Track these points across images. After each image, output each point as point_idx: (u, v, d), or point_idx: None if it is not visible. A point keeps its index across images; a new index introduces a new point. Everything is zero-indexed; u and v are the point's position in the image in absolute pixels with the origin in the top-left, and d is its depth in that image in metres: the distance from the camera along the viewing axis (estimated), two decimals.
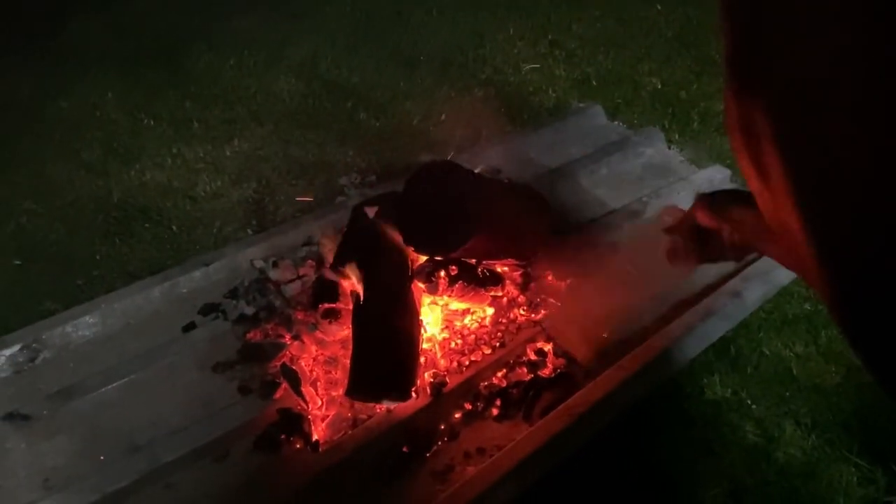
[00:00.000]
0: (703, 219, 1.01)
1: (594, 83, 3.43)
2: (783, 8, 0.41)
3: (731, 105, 0.48)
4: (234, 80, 3.56)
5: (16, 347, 1.94)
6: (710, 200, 1.01)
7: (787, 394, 1.92)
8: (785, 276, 2.11)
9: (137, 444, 1.75)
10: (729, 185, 2.63)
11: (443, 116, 3.19)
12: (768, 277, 2.08)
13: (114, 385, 1.88)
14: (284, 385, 1.83)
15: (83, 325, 2.07)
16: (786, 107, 0.41)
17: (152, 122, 3.22)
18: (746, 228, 0.93)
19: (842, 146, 0.38)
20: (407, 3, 4.28)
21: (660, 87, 3.38)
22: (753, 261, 2.14)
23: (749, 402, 1.89)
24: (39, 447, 1.72)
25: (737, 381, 1.93)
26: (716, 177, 2.63)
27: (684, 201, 2.33)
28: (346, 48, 3.81)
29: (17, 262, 2.46)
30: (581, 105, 3.20)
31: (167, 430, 1.78)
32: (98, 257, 2.47)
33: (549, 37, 3.85)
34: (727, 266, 2.18)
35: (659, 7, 4.02)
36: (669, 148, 2.88)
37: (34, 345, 1.97)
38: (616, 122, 3.09)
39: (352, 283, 1.89)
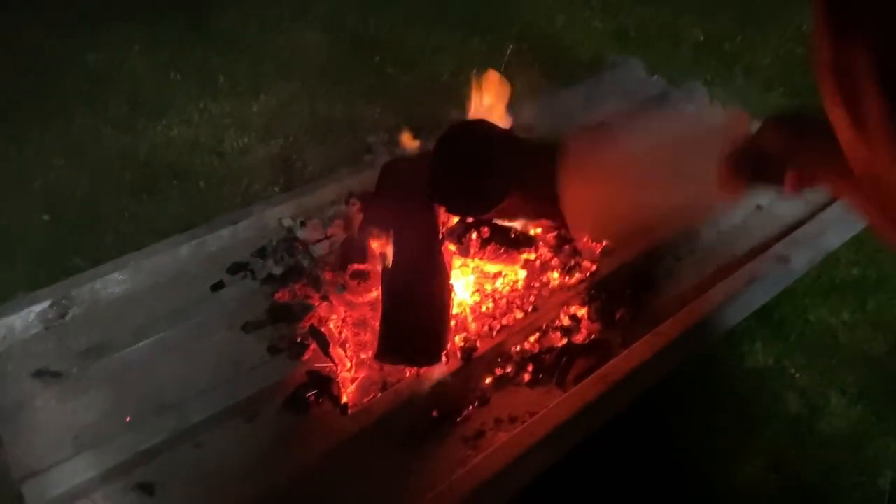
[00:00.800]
0: (772, 141, 0.94)
1: (632, 35, 3.30)
2: None
3: (824, 43, 0.42)
4: (260, 34, 3.49)
5: (45, 303, 1.93)
6: (786, 124, 0.93)
7: (833, 362, 1.85)
8: (834, 240, 2.01)
9: (167, 404, 1.74)
10: None
11: (474, 71, 3.09)
12: (816, 242, 1.98)
13: (142, 343, 1.87)
14: (313, 346, 1.80)
15: (112, 283, 2.05)
16: (893, 45, 0.35)
17: (179, 77, 3.18)
18: (822, 163, 0.85)
19: None
20: None
21: (702, 39, 3.23)
22: (800, 224, 2.05)
23: (792, 370, 1.83)
24: (69, 405, 1.72)
25: (780, 350, 1.87)
26: None
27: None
28: (374, 1, 3.71)
29: (46, 218, 2.46)
30: (619, 59, 3.08)
31: (196, 390, 1.76)
32: (126, 214, 2.46)
33: None
34: (772, 228, 2.09)
35: None
36: (712, 103, 2.75)
37: (63, 301, 1.96)
38: (655, 77, 2.96)
39: (381, 244, 1.84)
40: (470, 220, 1.82)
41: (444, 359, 1.69)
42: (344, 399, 1.71)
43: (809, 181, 0.90)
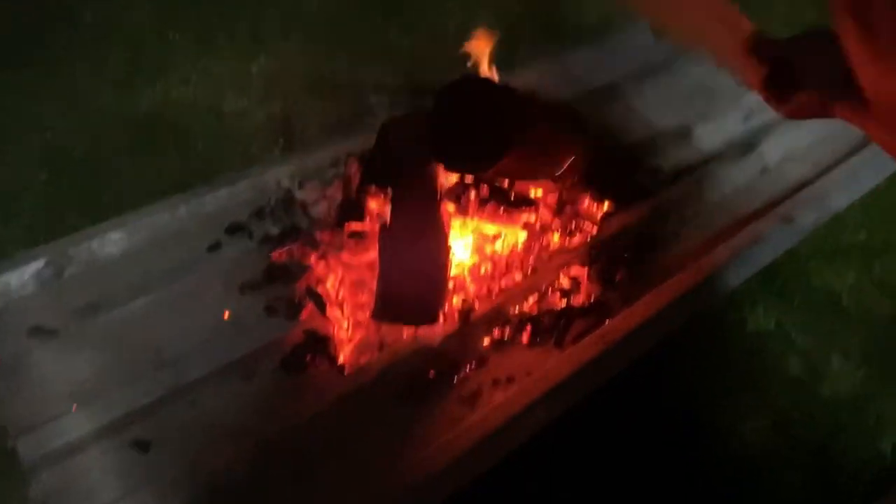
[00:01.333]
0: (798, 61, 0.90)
1: None
2: None
3: None
4: None
5: (41, 262, 1.92)
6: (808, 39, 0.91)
7: (836, 326, 1.83)
8: (841, 201, 1.98)
9: (164, 360, 1.73)
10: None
11: (478, 30, 3.03)
12: (822, 203, 1.95)
13: (140, 301, 1.86)
14: (310, 307, 1.79)
15: (109, 242, 2.03)
16: None
17: (177, 37, 3.13)
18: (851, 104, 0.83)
19: None
20: None
21: None
22: (805, 185, 2.01)
23: (794, 334, 1.81)
24: (65, 361, 1.71)
25: (782, 312, 1.85)
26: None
27: (732, 124, 2.17)
28: None
29: (43, 177, 2.43)
30: (626, 22, 3.01)
31: (193, 348, 1.76)
32: (124, 173, 2.44)
33: None
34: (778, 188, 2.05)
35: None
36: (718, 69, 2.69)
37: (60, 260, 1.94)
38: (663, 41, 2.90)
39: (378, 203, 1.82)
40: (469, 179, 1.79)
41: (441, 319, 1.67)
42: (341, 359, 1.70)
43: (819, 112, 0.88)
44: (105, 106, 2.76)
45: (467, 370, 1.68)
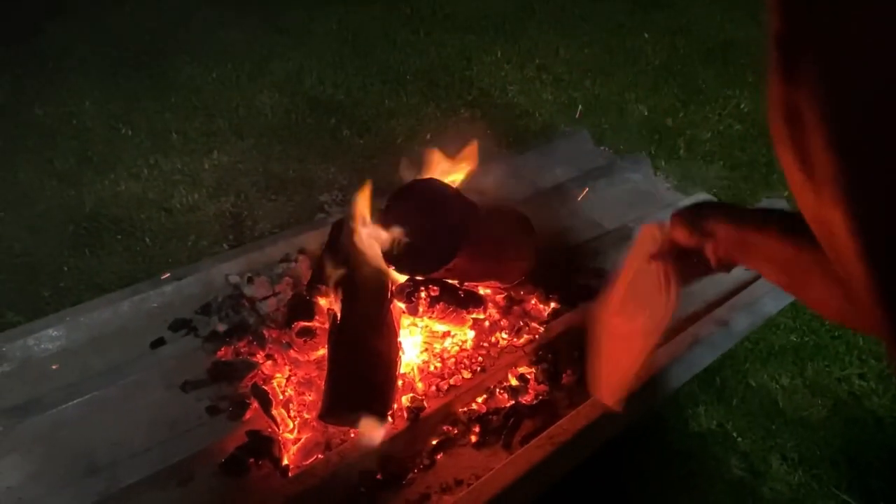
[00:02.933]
0: (683, 237, 1.00)
1: (581, 108, 3.42)
2: None
3: (775, 89, 0.43)
4: (216, 92, 3.51)
5: None
6: (687, 216, 0.99)
7: (774, 427, 1.88)
8: (772, 306, 2.07)
9: (97, 466, 1.65)
10: None
11: (428, 136, 3.15)
12: (755, 307, 2.04)
13: (75, 402, 1.79)
14: (255, 406, 1.75)
15: (46, 339, 1.97)
16: (838, 93, 0.37)
17: (130, 132, 3.15)
18: (729, 242, 0.92)
19: None
20: (394, 23, 4.27)
21: (646, 114, 3.38)
22: (740, 290, 2.11)
23: (735, 434, 1.85)
24: None
25: (722, 413, 1.89)
26: None
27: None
28: (332, 65, 3.78)
29: None
30: (568, 129, 3.18)
31: (129, 451, 1.68)
32: (66, 268, 2.39)
33: (537, 61, 3.85)
34: (713, 293, 2.14)
35: (646, 35, 4.05)
36: (656, 174, 2.86)
37: None
38: (603, 148, 3.07)
39: (329, 301, 1.82)
40: (419, 278, 1.82)
41: (390, 419, 1.65)
42: (285, 461, 1.65)
43: (727, 259, 0.96)
44: (49, 200, 2.73)
45: (415, 472, 1.65)
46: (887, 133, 0.34)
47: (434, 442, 1.71)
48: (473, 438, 1.72)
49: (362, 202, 1.82)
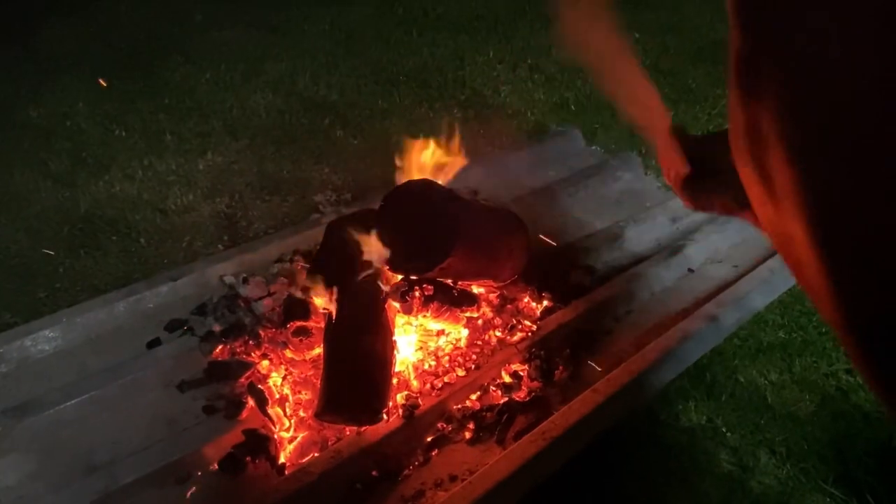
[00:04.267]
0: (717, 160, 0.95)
1: (573, 108, 3.45)
2: (797, 4, 0.38)
3: (736, 109, 0.45)
4: (210, 93, 3.52)
5: None
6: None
7: (762, 422, 1.90)
8: (759, 301, 2.11)
9: (95, 465, 1.68)
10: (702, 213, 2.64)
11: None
12: (743, 303, 2.08)
13: (73, 402, 1.81)
14: (251, 405, 1.77)
15: (43, 339, 1.99)
16: (796, 110, 0.39)
17: (124, 133, 3.16)
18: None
19: (857, 154, 0.36)
20: (387, 23, 4.28)
21: None
22: (728, 285, 2.14)
23: (724, 429, 1.87)
24: None
25: (712, 409, 1.92)
26: None
27: (660, 226, 2.31)
28: (326, 65, 3.79)
29: None
30: (560, 129, 3.21)
31: (127, 450, 1.71)
32: (62, 270, 2.40)
33: (529, 61, 3.87)
34: (702, 289, 2.18)
35: (637, 35, 4.07)
36: (646, 174, 2.89)
37: None
38: (594, 147, 3.10)
39: (324, 301, 1.85)
40: (413, 277, 1.84)
41: (385, 417, 1.68)
42: (282, 459, 1.68)
43: (735, 211, 0.93)
44: (44, 201, 2.74)
45: (410, 469, 1.68)
46: (843, 148, 0.36)
47: (429, 439, 1.74)
48: (468, 435, 1.74)
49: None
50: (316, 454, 1.67)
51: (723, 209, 0.96)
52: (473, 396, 1.83)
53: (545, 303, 2.08)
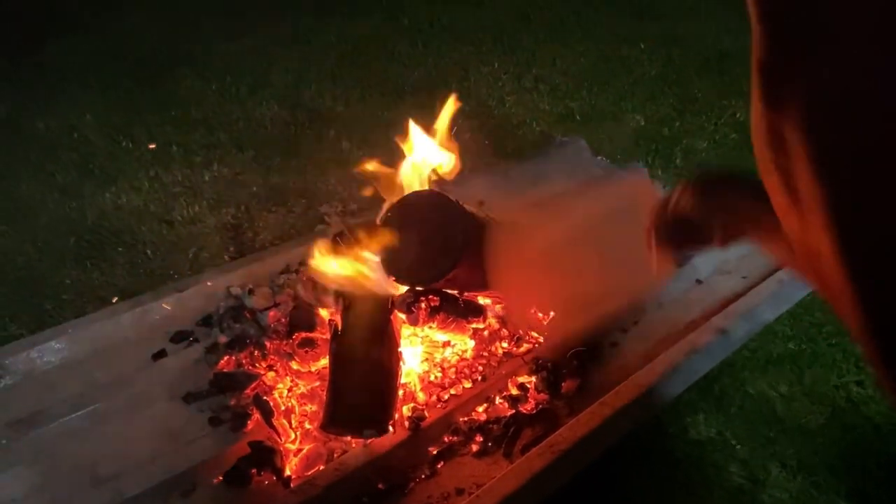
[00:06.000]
0: (690, 207, 0.93)
1: (578, 118, 3.45)
2: (824, 8, 0.37)
3: (759, 118, 0.44)
4: (216, 105, 3.53)
5: None
6: (700, 184, 0.93)
7: (772, 435, 1.89)
8: (770, 313, 2.09)
9: (100, 477, 1.66)
10: None
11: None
12: (752, 315, 2.06)
13: (78, 414, 1.80)
14: (257, 417, 1.76)
15: (49, 351, 1.98)
16: (823, 120, 0.38)
17: (130, 145, 3.18)
18: (745, 217, 0.86)
19: (885, 166, 0.35)
20: (392, 35, 4.30)
21: (643, 123, 3.40)
22: (737, 297, 2.12)
23: (734, 442, 1.86)
24: None
25: (721, 421, 1.90)
26: None
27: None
28: (331, 77, 3.81)
29: None
30: (565, 139, 3.21)
31: (133, 463, 1.69)
32: (68, 281, 2.40)
33: (534, 72, 3.88)
34: (711, 301, 2.16)
35: (642, 46, 4.08)
36: (653, 183, 2.88)
37: None
38: (600, 157, 3.09)
39: (330, 312, 1.84)
40: (419, 288, 1.83)
41: (391, 429, 1.67)
42: (287, 471, 1.66)
43: (736, 236, 0.92)
44: (51, 213, 2.75)
45: (416, 482, 1.66)
46: (872, 160, 0.35)
47: (435, 451, 1.72)
48: (474, 447, 1.73)
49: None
50: (321, 466, 1.65)
51: (724, 237, 0.95)
52: (480, 408, 1.82)
53: (552, 313, 2.06)
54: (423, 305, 1.83)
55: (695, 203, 0.91)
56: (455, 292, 1.92)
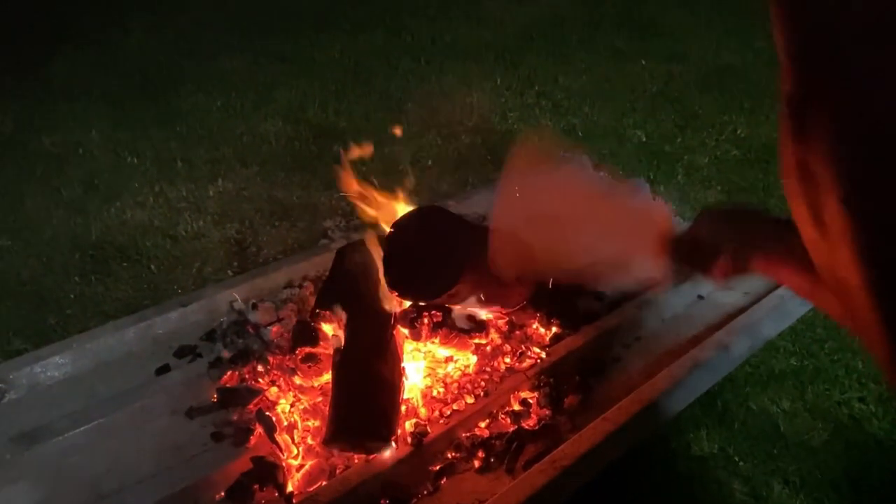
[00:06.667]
0: (706, 229, 0.95)
1: (580, 134, 3.47)
2: (853, 45, 0.38)
3: (787, 148, 0.45)
4: (220, 120, 3.56)
5: None
6: (719, 213, 0.95)
7: (775, 451, 1.89)
8: (771, 329, 2.09)
9: (103, 492, 1.66)
10: None
11: (429, 162, 3.20)
12: (754, 331, 2.06)
13: (81, 429, 1.80)
14: (259, 432, 1.77)
15: (52, 366, 1.99)
16: (852, 155, 0.38)
17: (135, 161, 3.20)
18: (759, 248, 0.87)
19: None
20: (395, 51, 4.34)
21: (644, 139, 3.42)
22: (739, 313, 2.13)
23: (736, 458, 1.86)
24: None
25: (724, 437, 1.90)
26: None
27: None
28: (335, 93, 3.84)
29: None
30: (567, 155, 3.22)
31: (136, 478, 1.70)
32: (72, 296, 2.41)
33: (536, 88, 3.91)
34: (713, 316, 2.16)
35: (643, 62, 4.11)
36: (654, 199, 2.89)
37: (0, 384, 1.89)
38: (602, 173, 3.10)
39: (333, 327, 1.85)
40: (422, 304, 1.84)
41: (393, 445, 1.67)
42: (289, 487, 1.66)
43: (739, 269, 0.93)
44: (56, 228, 2.76)
45: (419, 497, 1.66)
46: None
47: (437, 467, 1.72)
48: (477, 463, 1.73)
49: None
50: (324, 482, 1.65)
51: (731, 269, 0.96)
52: (482, 424, 1.82)
53: (554, 329, 2.07)
54: (425, 321, 1.83)
55: (711, 227, 0.93)
56: (458, 307, 1.93)
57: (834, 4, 0.38)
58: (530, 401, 1.87)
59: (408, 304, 1.86)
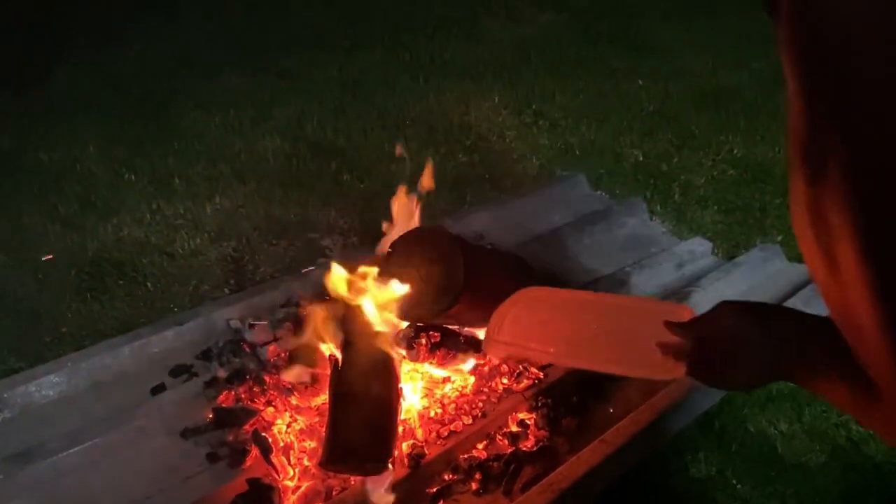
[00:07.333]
0: (736, 327, 0.94)
1: (577, 153, 3.48)
2: (866, 88, 0.38)
3: (799, 190, 0.44)
4: (218, 137, 3.56)
5: None
6: (759, 311, 0.92)
7: (773, 473, 1.88)
8: None
9: None
10: (710, 258, 2.65)
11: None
12: None
13: (76, 449, 1.79)
14: (255, 453, 1.75)
15: (47, 385, 1.98)
16: (865, 197, 0.38)
17: (133, 177, 3.19)
18: (809, 366, 0.84)
19: None
20: (394, 69, 4.35)
21: (641, 158, 3.43)
22: None
23: (734, 481, 1.85)
24: None
25: (722, 459, 1.89)
26: (697, 249, 2.64)
27: (666, 272, 2.32)
28: (333, 110, 3.84)
29: None
30: (565, 174, 3.23)
31: (130, 499, 1.69)
32: (68, 314, 2.40)
33: (534, 107, 3.92)
34: None
35: (640, 82, 4.13)
36: (651, 219, 2.90)
37: None
38: (599, 192, 3.12)
39: (330, 347, 1.84)
40: (420, 324, 1.84)
41: (390, 467, 1.66)
42: None
43: (771, 378, 0.92)
44: (52, 244, 2.75)
45: None
46: None
47: (435, 489, 1.71)
48: (474, 485, 1.72)
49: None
50: None
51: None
52: (480, 445, 1.81)
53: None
54: (423, 341, 1.83)
55: (735, 325, 0.92)
56: (455, 327, 1.93)
57: (858, 50, 0.37)
58: (528, 422, 1.87)
59: (405, 324, 1.85)
